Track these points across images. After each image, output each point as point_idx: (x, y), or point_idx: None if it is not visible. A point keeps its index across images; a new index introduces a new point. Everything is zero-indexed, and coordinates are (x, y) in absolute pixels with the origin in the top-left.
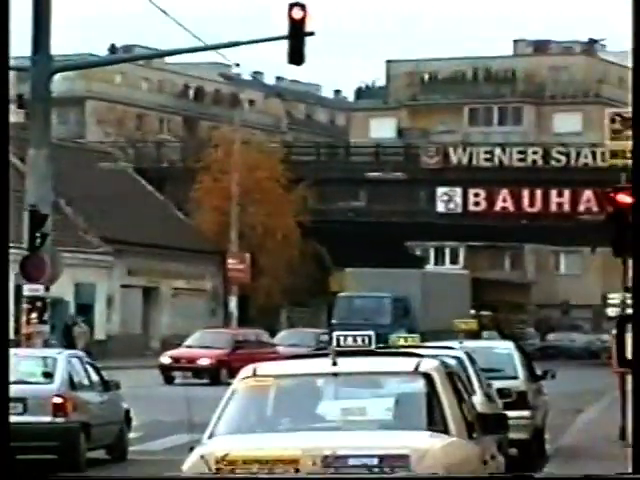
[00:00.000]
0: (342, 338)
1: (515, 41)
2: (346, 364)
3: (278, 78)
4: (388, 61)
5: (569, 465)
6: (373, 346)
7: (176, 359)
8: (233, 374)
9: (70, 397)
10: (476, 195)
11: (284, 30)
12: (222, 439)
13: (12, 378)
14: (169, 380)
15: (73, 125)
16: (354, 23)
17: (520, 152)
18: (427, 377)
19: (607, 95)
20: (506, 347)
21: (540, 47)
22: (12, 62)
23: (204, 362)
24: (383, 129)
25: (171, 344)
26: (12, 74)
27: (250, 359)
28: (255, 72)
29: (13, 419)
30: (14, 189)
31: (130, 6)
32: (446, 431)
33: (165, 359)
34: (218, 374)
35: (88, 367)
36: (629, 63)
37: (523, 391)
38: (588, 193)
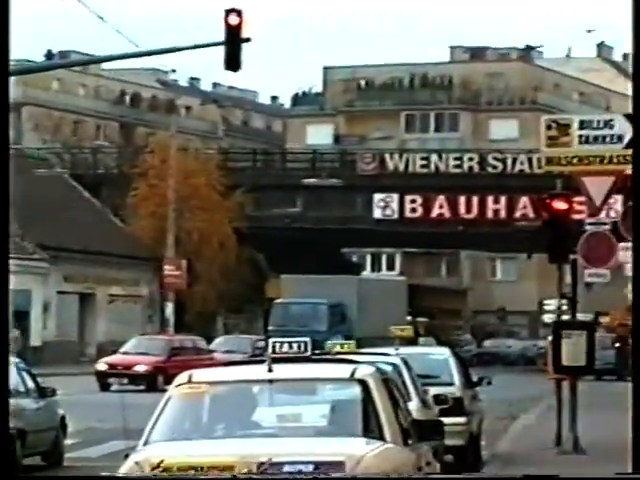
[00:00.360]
0: (278, 345)
1: (452, 47)
2: (282, 371)
3: (215, 84)
4: (325, 67)
5: (505, 471)
6: (309, 353)
7: (112, 366)
8: (169, 381)
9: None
10: (412, 201)
11: (221, 36)
12: (157, 446)
13: None
14: (105, 387)
15: (11, 132)
16: (291, 29)
17: (456, 158)
18: (363, 384)
19: (543, 102)
20: (442, 353)
21: (476, 54)
22: None
23: (140, 369)
24: (320, 135)
25: (107, 351)
26: None
27: (186, 366)
28: (192, 78)
29: None
30: None
31: (67, 12)
32: (381, 438)
33: (101, 366)
34: (154, 381)
35: (23, 373)
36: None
37: (459, 397)
38: (524, 199)
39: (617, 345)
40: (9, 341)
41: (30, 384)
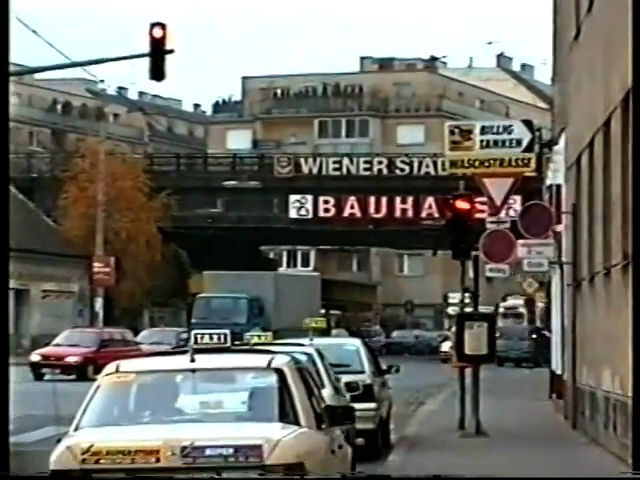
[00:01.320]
0: (200, 336)
1: (362, 58)
2: (204, 361)
3: (141, 93)
4: (243, 77)
5: (412, 453)
6: (229, 344)
7: (45, 357)
8: (99, 370)
9: None
10: (326, 202)
11: (146, 48)
12: (87, 431)
13: None
14: (39, 376)
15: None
16: (211, 41)
17: (366, 162)
18: (279, 372)
19: (447, 109)
20: (353, 344)
21: (385, 64)
22: None
23: (72, 359)
24: (239, 141)
25: (41, 343)
26: None
27: (115, 356)
28: (119, 87)
29: None
30: None
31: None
32: (297, 422)
33: (35, 357)
34: (85, 371)
35: None
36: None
37: (369, 384)
38: (430, 200)
39: (534, 336)
40: (9, 341)
41: None
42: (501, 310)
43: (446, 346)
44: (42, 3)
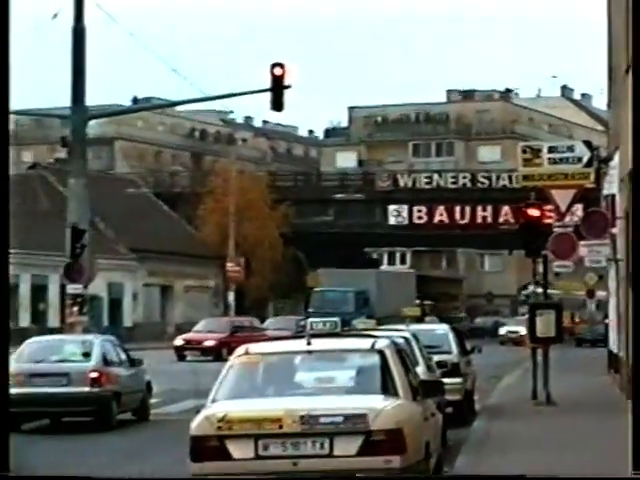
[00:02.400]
0: (315, 323)
1: (448, 90)
2: (318, 343)
3: (264, 121)
4: (350, 107)
5: (493, 419)
6: (339, 329)
7: (187, 341)
8: (231, 353)
9: (104, 372)
10: (419, 211)
11: (268, 84)
12: (222, 403)
13: (58, 358)
14: (181, 358)
15: (105, 160)
16: (321, 75)
17: (453, 177)
18: (381, 353)
19: (520, 132)
20: (443, 329)
21: (467, 95)
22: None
23: (209, 343)
24: (346, 160)
25: (183, 329)
26: (57, 120)
27: (245, 341)
28: (246, 117)
29: (59, 390)
30: (59, 210)
31: (148, 65)
32: (396, 395)
33: (179, 341)
34: (220, 353)
35: (118, 348)
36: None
37: (456, 362)
38: (506, 208)
39: (606, 321)
40: (9, 339)
41: (123, 356)
42: None
43: (503, 330)
44: (180, 45)
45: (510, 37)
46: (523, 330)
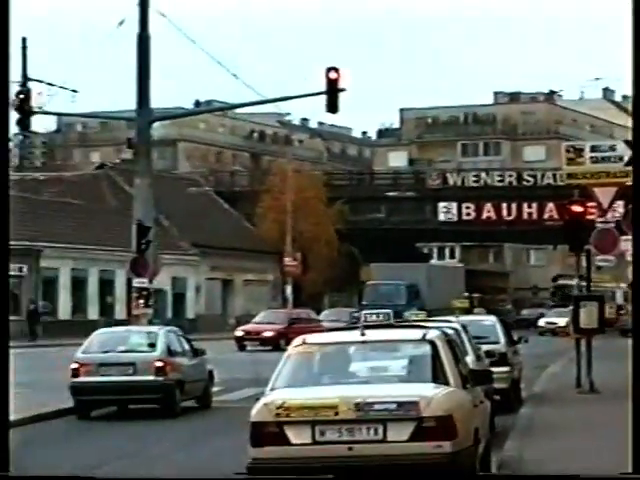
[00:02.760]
0: (369, 315)
1: (495, 93)
2: (372, 334)
3: (320, 123)
4: (401, 109)
5: (539, 406)
6: (391, 321)
7: (247, 332)
8: (289, 343)
9: (168, 361)
10: (467, 208)
11: (323, 87)
12: (280, 391)
13: (125, 348)
14: (242, 348)
15: (168, 160)
16: (376, 80)
17: (499, 175)
18: (432, 343)
19: (563, 132)
20: (491, 320)
21: (513, 97)
22: (123, 114)
23: (268, 334)
24: (398, 160)
25: (243, 321)
26: (123, 122)
27: (302, 331)
28: (303, 119)
29: (126, 378)
30: (125, 208)
31: (210, 69)
32: (446, 383)
33: (239, 332)
34: (278, 343)
35: (181, 339)
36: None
37: (504, 352)
38: (550, 205)
39: None
40: (9, 339)
41: (186, 346)
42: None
43: (542, 322)
44: (240, 50)
45: (555, 41)
46: (561, 321)
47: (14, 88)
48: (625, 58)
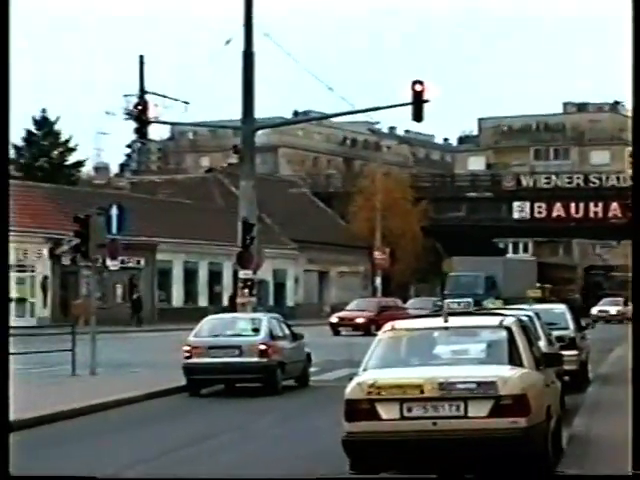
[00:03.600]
0: (451, 303)
1: (564, 103)
2: (454, 321)
3: (406, 131)
4: (479, 118)
5: (605, 386)
6: (471, 309)
7: (341, 319)
8: (379, 328)
9: (271, 344)
10: (539, 207)
11: (409, 98)
12: (371, 372)
13: (232, 333)
14: (336, 333)
15: (270, 165)
16: (455, 92)
17: (568, 178)
18: (508, 329)
19: (627, 138)
20: (561, 308)
21: (581, 107)
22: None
23: (360, 320)
24: (477, 164)
25: (337, 309)
26: (229, 131)
27: (390, 318)
28: (390, 127)
29: (233, 360)
30: (232, 208)
31: (307, 82)
32: (521, 365)
33: (334, 319)
34: (369, 329)
35: (282, 324)
36: None
37: (573, 337)
38: (614, 204)
39: None
40: (8, 339)
41: (286, 331)
42: None
43: (595, 310)
44: (334, 63)
45: (619, 57)
46: (612, 310)
47: (133, 100)
48: None
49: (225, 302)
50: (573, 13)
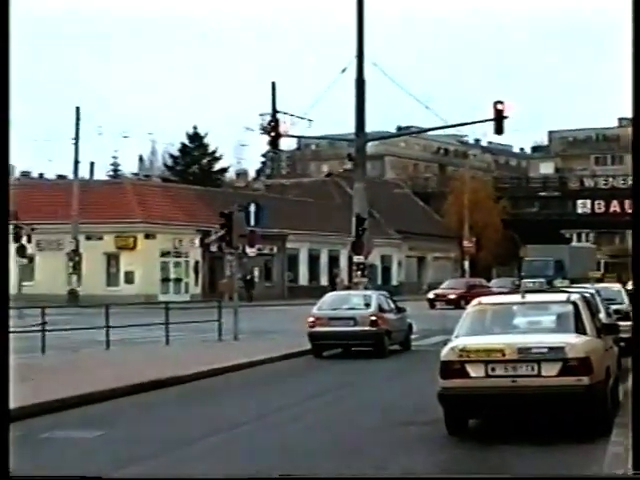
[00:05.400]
0: (527, 283)
1: (619, 118)
2: (529, 297)
3: (489, 142)
4: (549, 131)
5: None
6: (544, 287)
7: (437, 295)
8: (468, 303)
9: (379, 316)
10: (599, 204)
11: (492, 114)
12: (462, 339)
13: (348, 306)
14: (432, 307)
15: (378, 170)
16: (530, 106)
17: (623, 180)
18: (574, 303)
19: None
20: (617, 287)
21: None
22: (345, 136)
23: (452, 296)
24: (547, 168)
25: (433, 287)
26: (345, 142)
27: (477, 295)
28: (476, 139)
29: (349, 329)
30: (347, 205)
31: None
32: (585, 333)
33: (430, 295)
34: (459, 303)
35: (388, 300)
36: None
37: (627, 311)
38: None
39: None
40: (8, 338)
41: (392, 305)
42: None
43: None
44: (429, 85)
45: None
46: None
47: (267, 118)
48: None
49: (341, 282)
50: (623, 36)
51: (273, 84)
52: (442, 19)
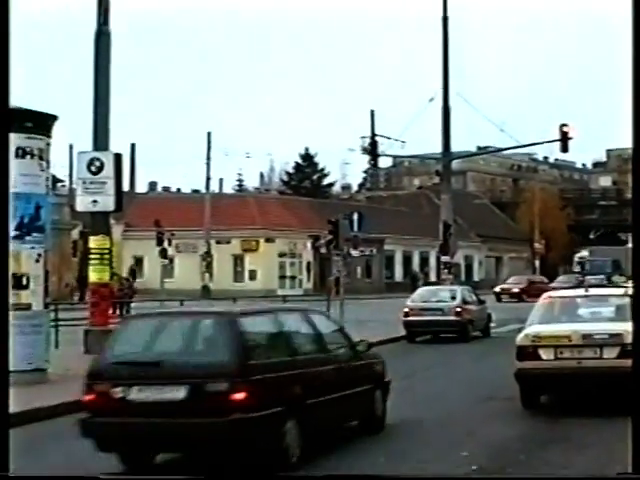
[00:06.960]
0: (589, 279)
1: None
2: (592, 291)
3: (556, 159)
4: (607, 149)
5: None
6: (604, 283)
7: (502, 289)
8: (529, 296)
9: (464, 307)
10: None
11: (558, 135)
12: (534, 327)
13: (436, 299)
14: (499, 300)
15: (461, 183)
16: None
17: None
18: (630, 296)
19: None
20: None
21: None
22: (434, 155)
23: (515, 290)
24: (606, 182)
25: (503, 282)
26: (433, 161)
27: (537, 289)
28: (544, 156)
29: (437, 318)
30: (435, 213)
31: (486, 126)
32: None
33: (497, 289)
34: (521, 296)
35: (471, 293)
36: None
37: None
38: None
39: None
40: (8, 337)
41: (474, 298)
42: None
43: None
44: (506, 109)
45: None
46: None
47: (367, 140)
48: None
49: (432, 278)
50: None
51: (372, 111)
52: (518, 55)
